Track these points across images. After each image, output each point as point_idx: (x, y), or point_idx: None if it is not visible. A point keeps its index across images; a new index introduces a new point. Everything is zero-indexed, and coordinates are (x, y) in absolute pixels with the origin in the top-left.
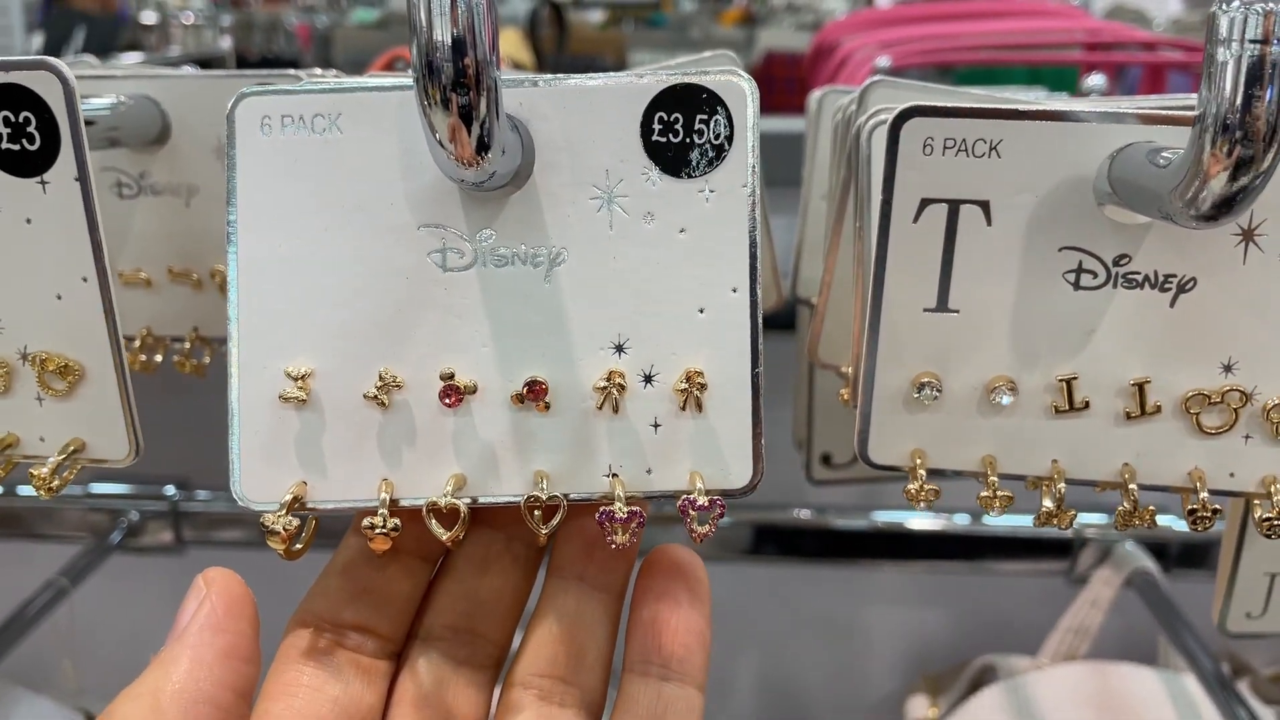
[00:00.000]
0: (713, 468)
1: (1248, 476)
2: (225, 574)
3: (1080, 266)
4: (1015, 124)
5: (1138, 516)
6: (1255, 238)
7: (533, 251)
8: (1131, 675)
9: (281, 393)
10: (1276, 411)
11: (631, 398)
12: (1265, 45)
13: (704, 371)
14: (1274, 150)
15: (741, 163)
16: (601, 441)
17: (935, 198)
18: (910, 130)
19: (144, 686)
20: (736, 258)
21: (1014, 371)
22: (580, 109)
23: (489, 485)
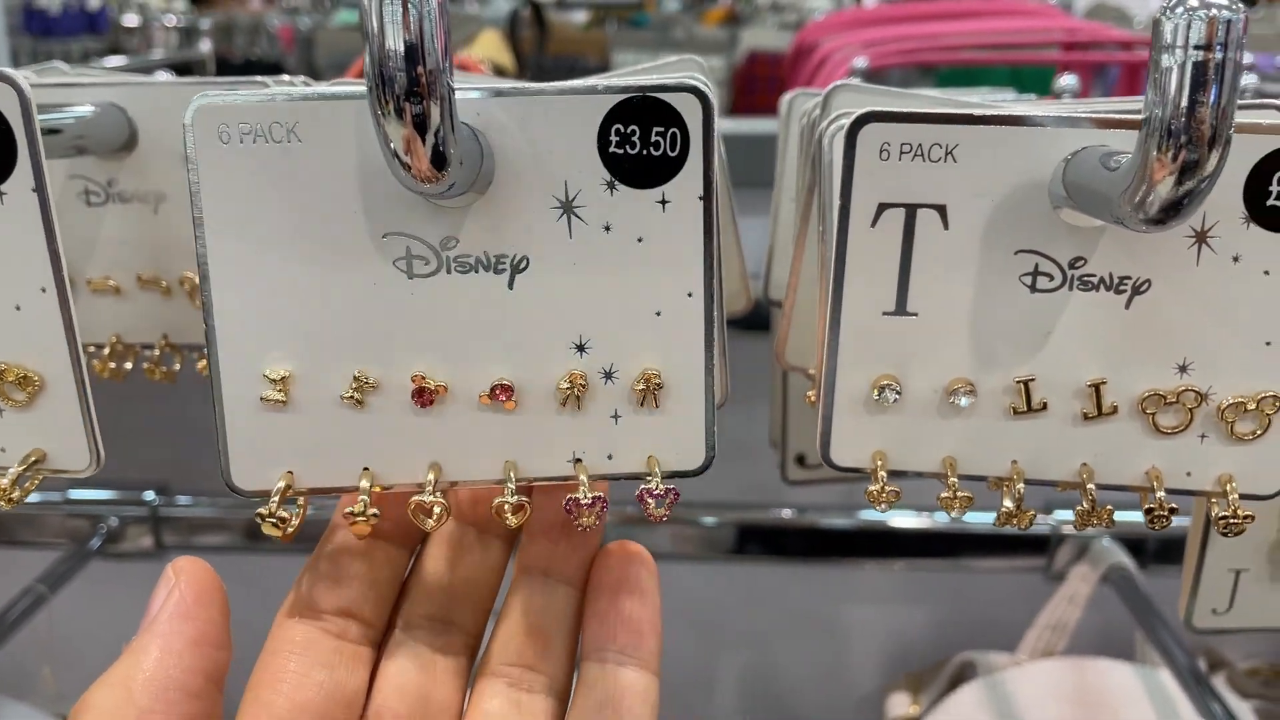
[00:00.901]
0: (668, 453)
1: (1204, 476)
2: (194, 562)
3: (1036, 269)
4: (971, 129)
5: (1096, 516)
6: (1208, 239)
7: (496, 259)
8: (1109, 670)
9: (262, 395)
10: (1231, 411)
11: (593, 393)
12: (1208, 50)
13: (660, 371)
14: (1218, 154)
15: (695, 173)
16: (566, 433)
17: (892, 202)
18: (867, 135)
19: (115, 675)
20: (691, 265)
21: (973, 373)
22: (538, 121)
23: (463, 474)
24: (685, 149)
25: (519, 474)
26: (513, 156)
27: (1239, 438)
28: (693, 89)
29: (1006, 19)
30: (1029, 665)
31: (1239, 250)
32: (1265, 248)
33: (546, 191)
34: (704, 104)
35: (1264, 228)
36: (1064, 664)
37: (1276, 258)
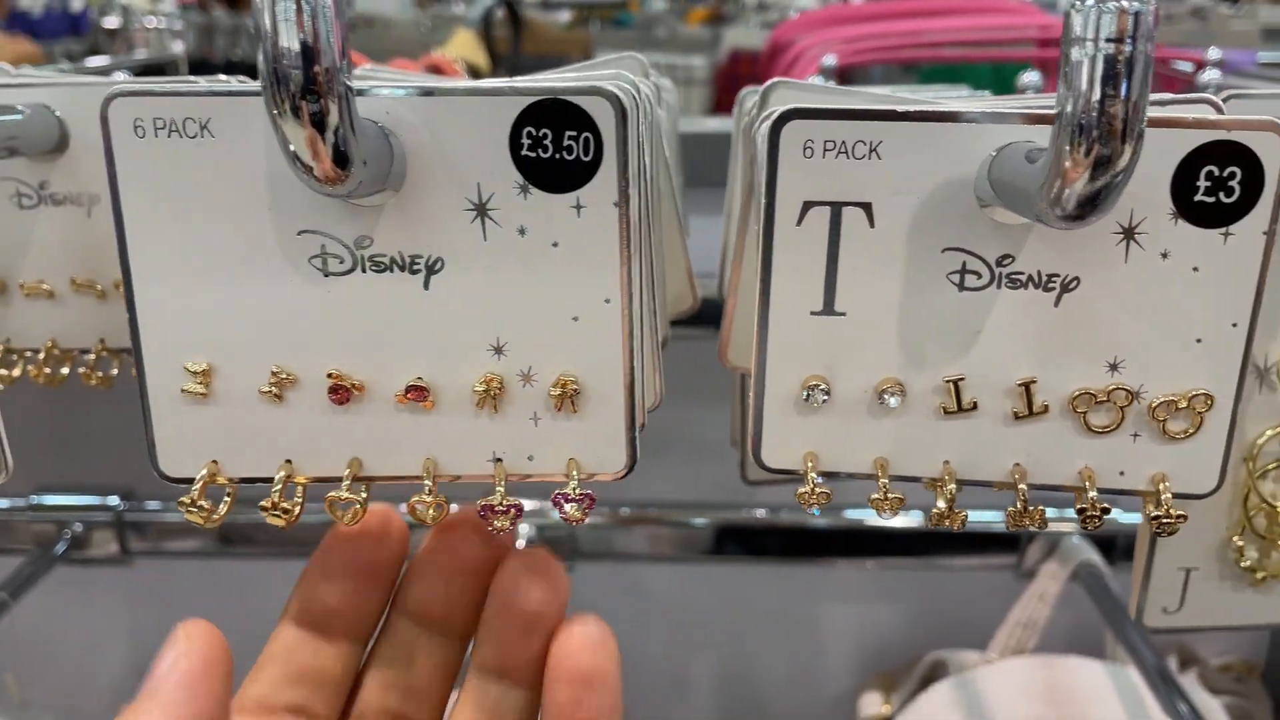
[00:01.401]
0: (589, 456)
1: (1138, 475)
2: (205, 629)
3: (964, 267)
4: (894, 125)
5: (1028, 517)
6: (1136, 236)
7: (411, 259)
8: (1079, 668)
9: (184, 387)
10: (1163, 410)
11: (511, 395)
12: (1119, 44)
13: (577, 376)
14: (1131, 148)
15: (610, 179)
16: (485, 434)
17: (818, 200)
18: (790, 133)
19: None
20: (608, 271)
21: (902, 373)
22: (447, 121)
23: (383, 470)
24: (599, 154)
25: (438, 472)
26: (425, 157)
27: (1172, 436)
28: (605, 93)
29: (983, 16)
30: (999, 663)
31: (1167, 247)
32: (1193, 244)
33: (459, 193)
34: (617, 108)
35: (1192, 223)
36: (1034, 662)
37: (1205, 254)
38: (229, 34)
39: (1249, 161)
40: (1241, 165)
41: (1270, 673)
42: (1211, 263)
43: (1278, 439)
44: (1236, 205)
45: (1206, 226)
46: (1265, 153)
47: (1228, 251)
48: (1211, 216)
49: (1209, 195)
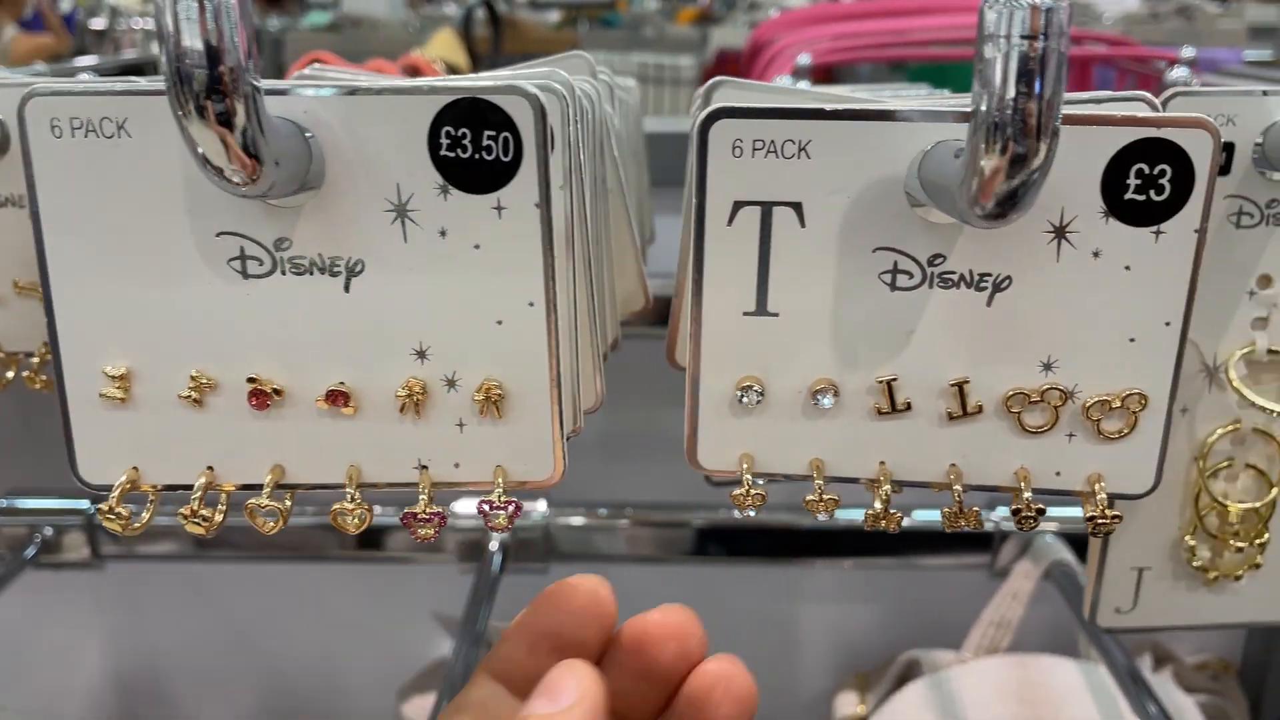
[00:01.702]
0: (517, 464)
1: (1074, 475)
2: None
3: (896, 267)
4: (822, 124)
5: (964, 518)
6: (1067, 235)
7: (331, 261)
8: (1052, 667)
9: (101, 391)
10: (1097, 410)
11: (436, 401)
12: (1033, 40)
13: (501, 381)
14: (1046, 145)
15: (530, 180)
16: (410, 440)
17: (748, 200)
18: (719, 132)
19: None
20: (531, 274)
21: (835, 373)
22: (366, 121)
23: (306, 476)
24: (519, 154)
25: (362, 479)
26: (344, 157)
27: (1107, 436)
28: (523, 92)
29: (962, 15)
30: (973, 663)
31: (1099, 245)
32: (1125, 242)
33: (379, 194)
34: (535, 107)
35: (1123, 222)
36: (1008, 661)
37: (1137, 252)
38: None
39: (1180, 159)
40: (1172, 163)
41: (1247, 671)
42: (1143, 261)
43: (1228, 438)
44: (1167, 203)
45: (1138, 225)
46: (1196, 150)
47: (1159, 250)
48: (1143, 215)
49: (1140, 193)
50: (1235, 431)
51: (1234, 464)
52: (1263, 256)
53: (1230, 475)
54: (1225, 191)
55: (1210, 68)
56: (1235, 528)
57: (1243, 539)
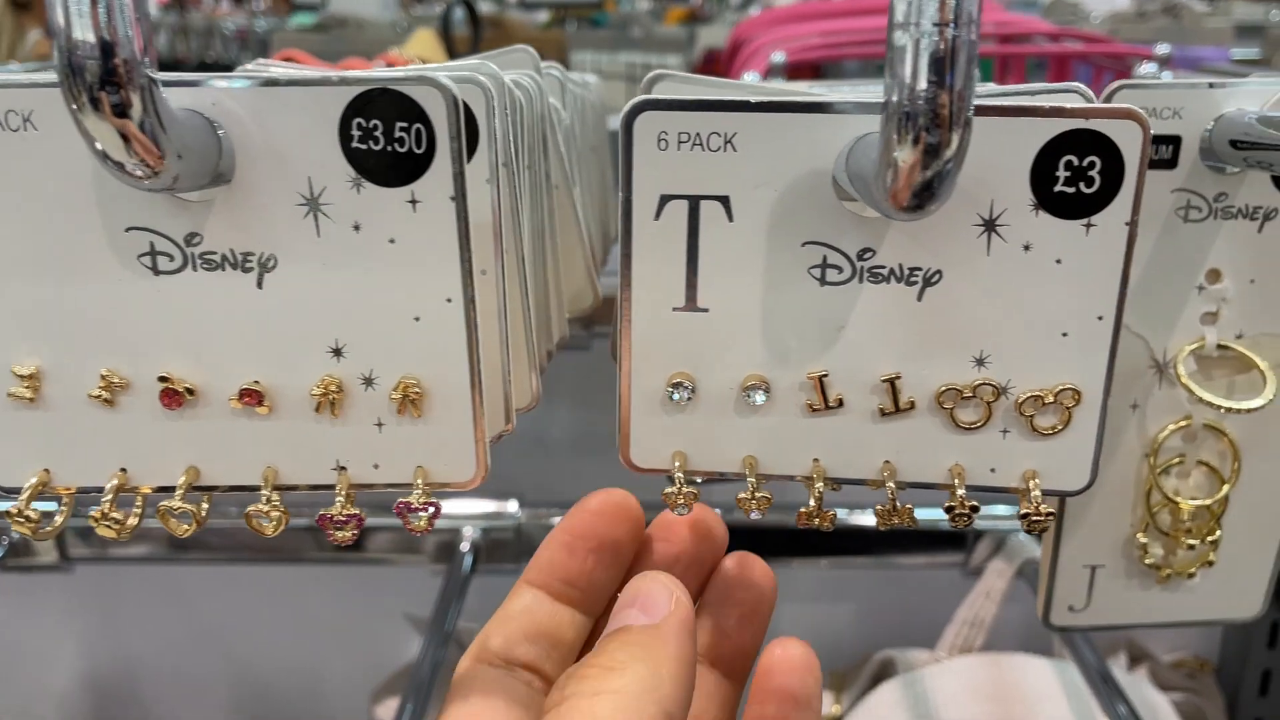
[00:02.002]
0: (437, 464)
1: (1009, 472)
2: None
3: (825, 261)
4: (748, 116)
5: (898, 515)
6: (997, 228)
7: (243, 256)
8: (1026, 665)
9: (9, 391)
10: (1030, 405)
11: (353, 400)
12: (944, 28)
13: (419, 379)
14: (959, 135)
15: (445, 172)
16: (327, 440)
17: (675, 194)
18: (643, 124)
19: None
20: (447, 269)
21: (767, 370)
22: (275, 111)
23: (221, 478)
24: (432, 146)
25: (279, 480)
26: (254, 150)
27: (1041, 432)
28: (435, 83)
29: None
30: (947, 662)
31: (1029, 239)
32: (1055, 235)
33: (290, 188)
34: (448, 99)
35: (1053, 214)
36: (981, 660)
37: (1067, 245)
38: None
39: (1109, 151)
40: (1101, 155)
41: (1224, 669)
42: (1074, 254)
43: (1179, 434)
44: (1097, 195)
45: (1068, 217)
46: (1125, 142)
47: (1090, 243)
48: (1073, 207)
49: (1069, 185)
50: (1186, 428)
51: (1185, 460)
52: (1211, 251)
53: (1182, 472)
54: (1173, 185)
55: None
56: (1187, 525)
57: (1195, 536)
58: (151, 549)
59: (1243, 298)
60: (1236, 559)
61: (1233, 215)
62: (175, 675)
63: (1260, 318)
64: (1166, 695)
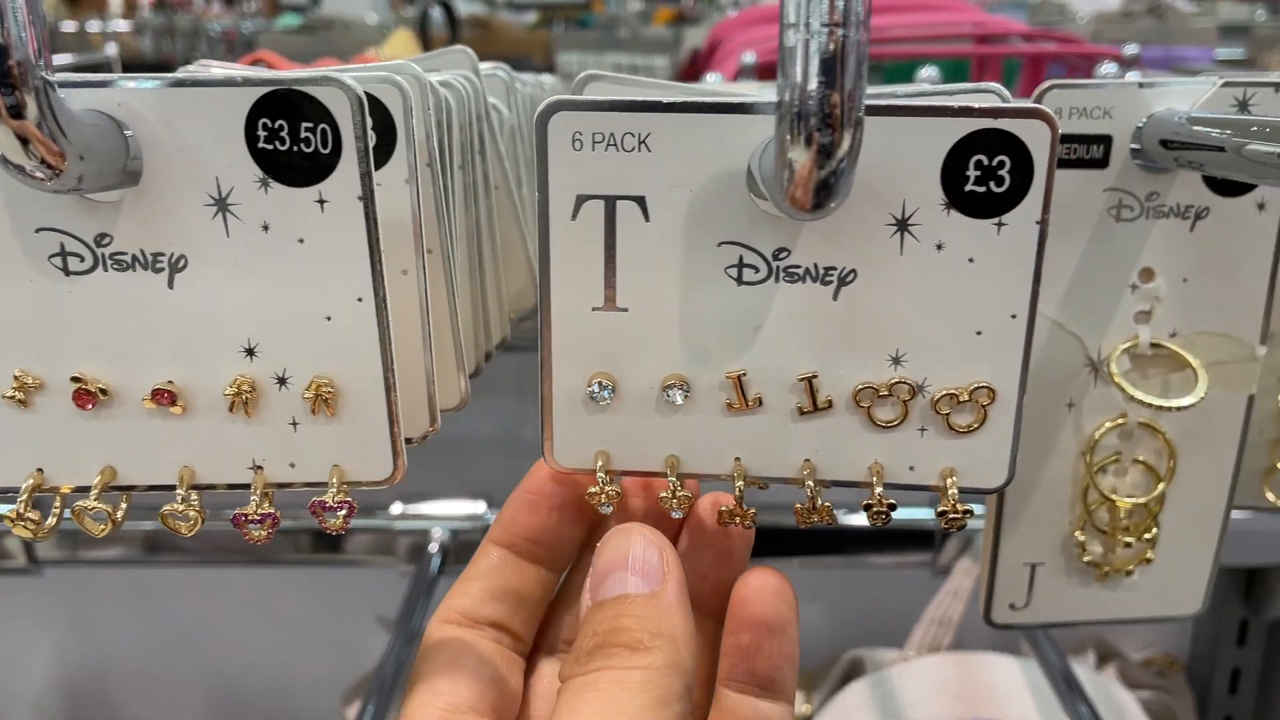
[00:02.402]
0: (354, 463)
1: (927, 470)
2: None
3: (741, 261)
4: (661, 117)
5: (818, 513)
6: (910, 227)
7: (153, 257)
8: (993, 664)
9: None
10: (945, 403)
11: (267, 399)
12: (834, 28)
13: (332, 378)
14: (851, 135)
15: (351, 172)
16: (242, 439)
17: (590, 194)
18: (558, 125)
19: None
20: (357, 268)
21: (686, 369)
22: (181, 112)
23: (138, 478)
24: (338, 146)
25: (195, 480)
26: (163, 151)
27: (957, 430)
28: (339, 83)
29: (918, 13)
30: (915, 661)
31: (942, 238)
32: (967, 235)
33: (199, 188)
34: (353, 99)
35: (964, 214)
36: (949, 659)
37: (980, 244)
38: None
39: (1018, 151)
40: (1010, 155)
41: (1194, 668)
42: (987, 254)
43: (1115, 432)
44: (1008, 195)
45: (979, 217)
46: (1034, 142)
47: (1002, 242)
48: (984, 206)
49: (980, 185)
50: (1122, 426)
51: (1122, 459)
52: (1144, 249)
53: (1119, 470)
54: (1104, 185)
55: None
56: (1124, 523)
57: (1132, 534)
58: (122, 551)
59: (1176, 296)
60: (1175, 556)
61: (1165, 214)
62: (147, 678)
63: (1194, 316)
64: (1136, 693)
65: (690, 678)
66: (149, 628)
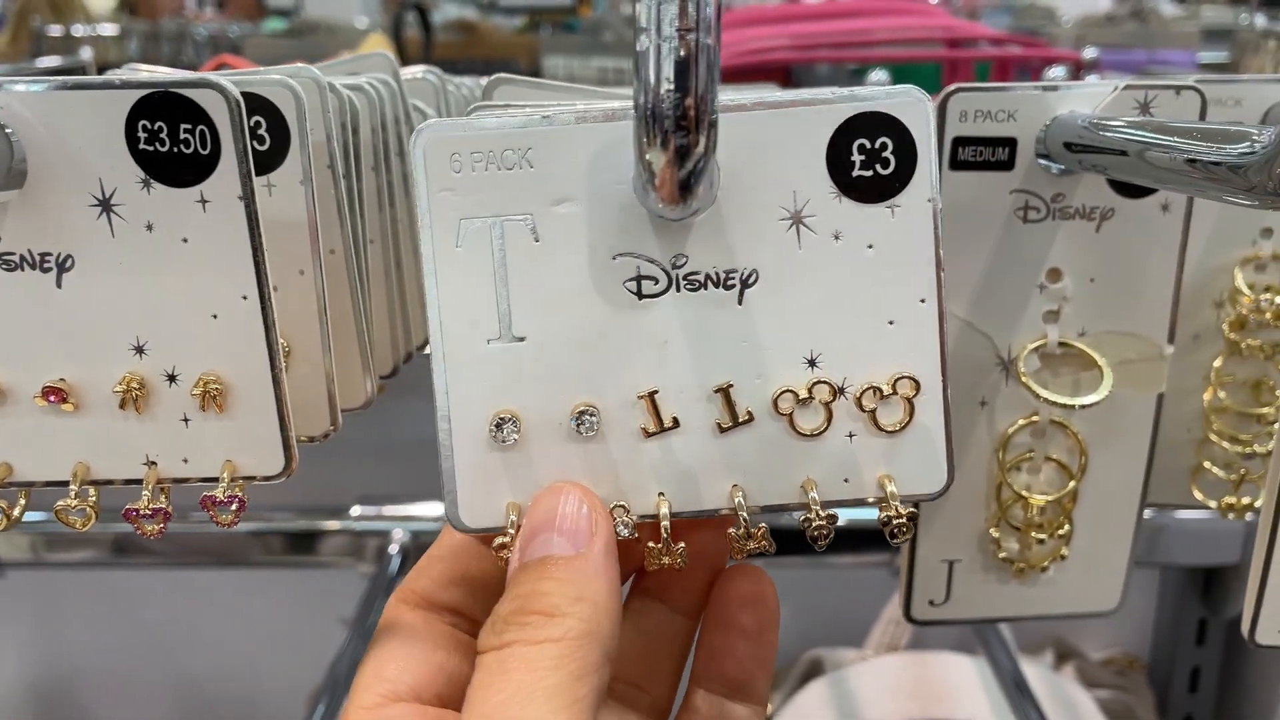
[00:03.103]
0: (245, 458)
1: (862, 479)
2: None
3: (639, 273)
4: (538, 130)
5: (753, 539)
6: (804, 220)
7: (41, 257)
8: (949, 663)
9: None
10: (868, 399)
11: (158, 396)
12: (685, 34)
13: (221, 375)
14: (706, 135)
15: (231, 172)
16: (136, 436)
17: (475, 215)
18: (432, 146)
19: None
20: (241, 267)
21: (595, 396)
22: (63, 115)
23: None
24: (216, 147)
25: (90, 476)
26: (46, 153)
27: (886, 430)
28: (216, 86)
29: (889, 18)
30: (873, 660)
31: (838, 227)
32: (863, 221)
33: (83, 189)
34: (230, 101)
35: (857, 200)
36: (906, 658)
37: (876, 230)
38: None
39: (898, 131)
40: (892, 135)
41: (1155, 667)
42: (885, 239)
43: (1028, 430)
44: (895, 176)
45: (871, 202)
46: (913, 121)
47: (898, 225)
48: (873, 191)
49: (866, 169)
50: (1034, 424)
51: (1035, 456)
52: (1051, 250)
53: (1032, 468)
54: (1011, 186)
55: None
56: (1038, 520)
57: (1045, 531)
58: (87, 554)
59: (1084, 296)
60: (1089, 552)
61: (1070, 216)
62: (114, 680)
63: (1101, 316)
64: (1095, 693)
65: (610, 643)
66: (115, 630)
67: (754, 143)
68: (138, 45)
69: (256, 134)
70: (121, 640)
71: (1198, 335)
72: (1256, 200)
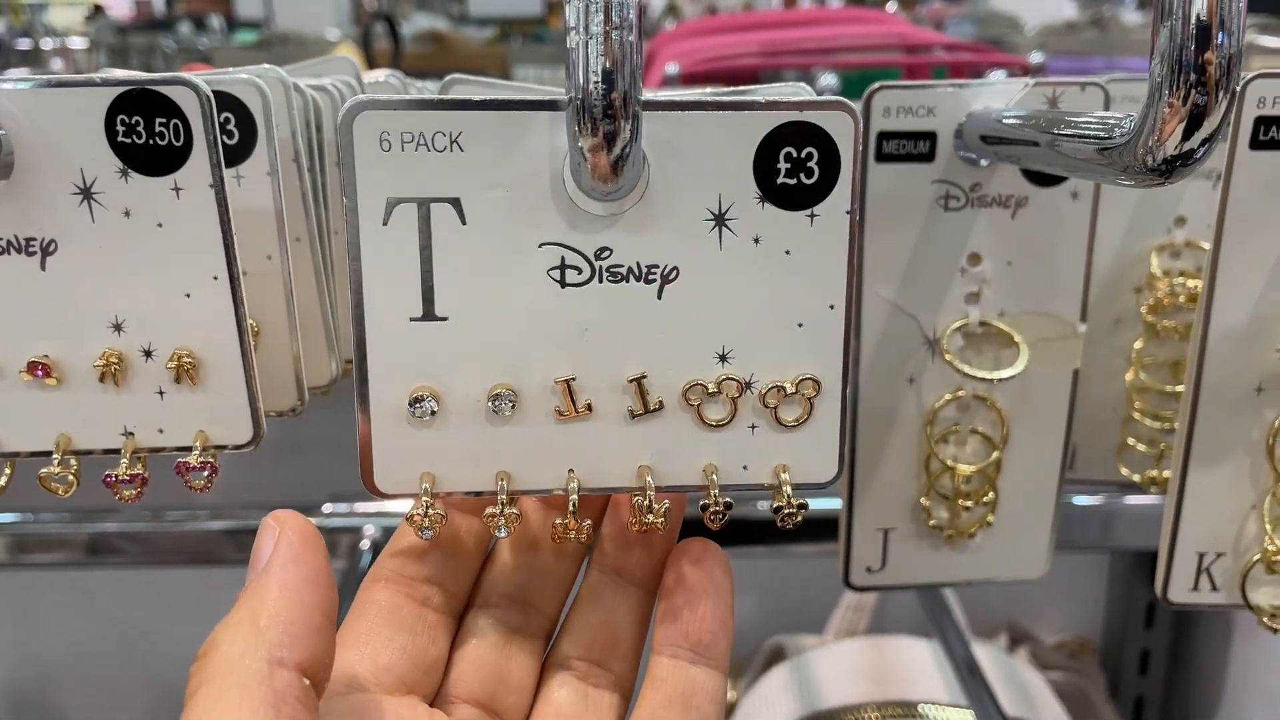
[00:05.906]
0: (217, 428)
1: (760, 468)
2: (293, 515)
3: (564, 262)
4: (471, 115)
5: (654, 515)
6: (727, 222)
7: (26, 242)
8: (906, 647)
9: None
10: (772, 397)
11: (135, 371)
12: (610, 32)
13: (194, 350)
14: (631, 123)
15: (203, 161)
16: (113, 407)
17: (402, 197)
18: (363, 125)
19: (240, 614)
20: (212, 249)
21: (512, 378)
22: (47, 111)
23: (18, 444)
24: (189, 139)
25: (71, 447)
26: (31, 146)
27: (786, 425)
28: (188, 83)
29: (851, 25)
30: (833, 645)
31: (759, 231)
32: (783, 227)
33: (66, 179)
34: (201, 96)
35: (779, 206)
36: (865, 643)
37: (795, 236)
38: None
39: (824, 143)
40: (818, 147)
41: (1107, 651)
42: (802, 245)
43: (954, 404)
44: (818, 186)
45: (792, 209)
46: (838, 133)
47: (815, 233)
48: (796, 199)
49: (790, 177)
50: (959, 399)
51: (960, 429)
52: (971, 236)
53: (959, 440)
54: (932, 177)
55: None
56: (964, 489)
57: (971, 499)
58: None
59: (1002, 279)
60: (1014, 520)
61: (988, 204)
62: (89, 680)
63: (1018, 297)
64: (1048, 674)
65: (282, 649)
66: (89, 630)
67: (685, 142)
68: (106, 58)
69: (226, 129)
70: (96, 640)
71: (1119, 319)
72: (1133, 180)
